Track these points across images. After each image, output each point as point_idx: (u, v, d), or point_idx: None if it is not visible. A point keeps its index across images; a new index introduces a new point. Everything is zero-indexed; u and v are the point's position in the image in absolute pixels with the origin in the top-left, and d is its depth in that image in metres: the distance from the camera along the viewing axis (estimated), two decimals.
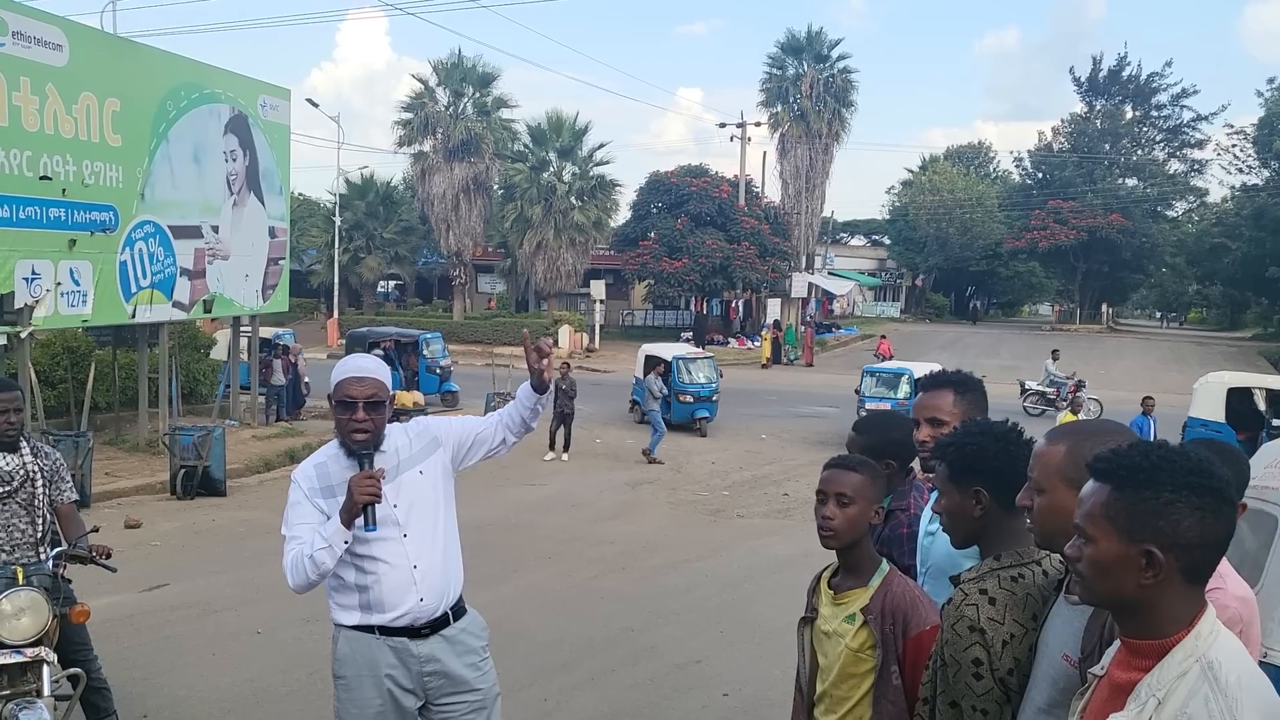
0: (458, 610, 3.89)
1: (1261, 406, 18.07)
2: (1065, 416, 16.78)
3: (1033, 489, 2.35)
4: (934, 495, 2.89)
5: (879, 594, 3.05)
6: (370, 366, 3.82)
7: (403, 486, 3.78)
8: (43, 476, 5.01)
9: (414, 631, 3.76)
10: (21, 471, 4.95)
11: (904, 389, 19.98)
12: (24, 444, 5.03)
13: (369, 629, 3.76)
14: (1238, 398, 18.15)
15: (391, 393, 3.86)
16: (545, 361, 3.93)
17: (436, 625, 3.80)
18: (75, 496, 5.28)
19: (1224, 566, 2.58)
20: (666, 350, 23.24)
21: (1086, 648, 2.21)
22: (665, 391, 20.46)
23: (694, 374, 21.66)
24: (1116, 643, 1.97)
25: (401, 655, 3.76)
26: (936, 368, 18.91)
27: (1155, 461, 1.83)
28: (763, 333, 41.33)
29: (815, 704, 3.23)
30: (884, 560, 3.15)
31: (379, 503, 3.61)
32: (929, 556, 3.25)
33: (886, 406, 18.32)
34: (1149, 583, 1.81)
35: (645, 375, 21.03)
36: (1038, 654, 2.37)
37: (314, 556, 3.61)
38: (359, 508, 3.56)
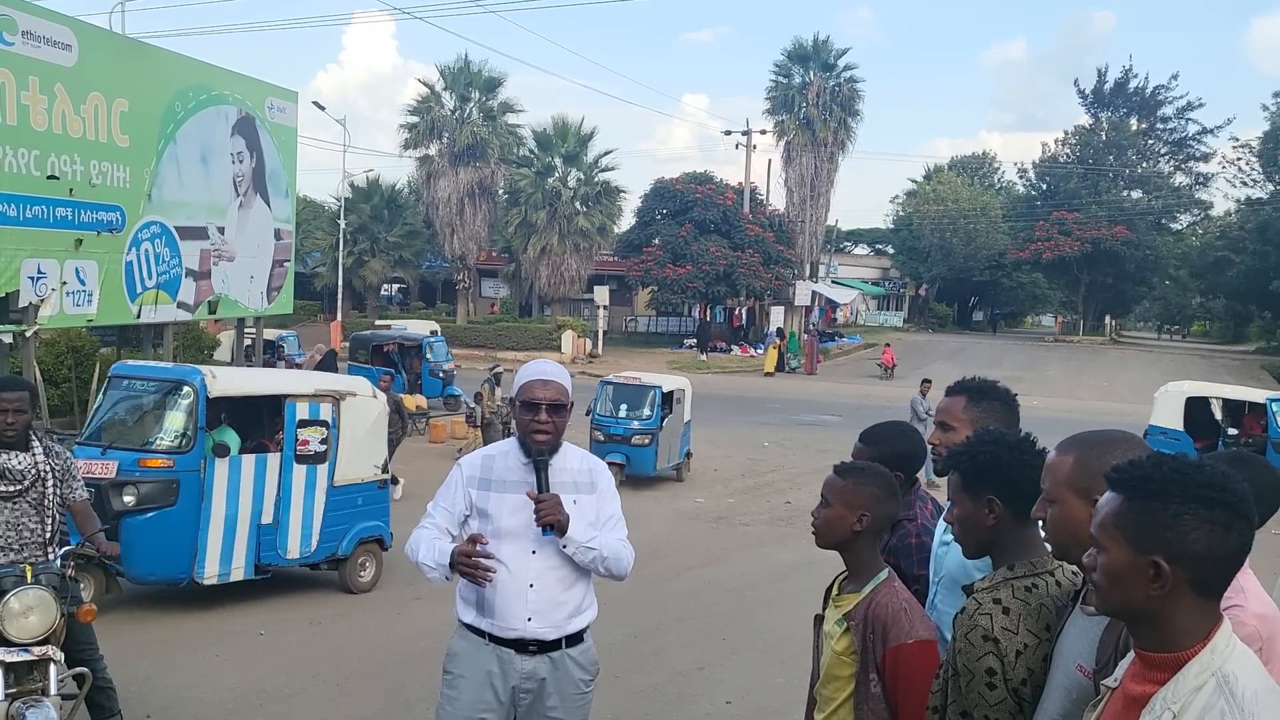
0: (574, 639, 3.87)
1: (1218, 416, 18.13)
2: None
3: (1045, 500, 2.36)
4: (949, 504, 2.89)
5: (865, 601, 3.07)
6: (554, 371, 3.86)
7: None
8: (54, 476, 5.01)
9: (521, 645, 3.77)
10: (33, 471, 4.95)
11: (647, 409, 16.48)
12: (36, 444, 5.03)
13: (480, 633, 3.80)
14: (1196, 407, 18.25)
15: (571, 400, 3.87)
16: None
17: (545, 646, 3.80)
18: (87, 495, 5.28)
19: (1249, 582, 2.57)
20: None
21: (1101, 659, 2.20)
22: (930, 412, 17.65)
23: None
24: (1131, 654, 1.97)
25: (505, 666, 3.77)
26: (679, 382, 17.38)
27: (1167, 473, 1.83)
28: (772, 342, 41.32)
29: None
30: (885, 569, 3.16)
31: (475, 581, 3.67)
32: (942, 567, 3.25)
33: (635, 425, 16.23)
34: (1157, 594, 1.81)
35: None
36: (1052, 664, 2.37)
37: (419, 562, 3.80)
38: (459, 570, 3.67)
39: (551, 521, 3.67)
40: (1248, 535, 1.82)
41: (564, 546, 3.75)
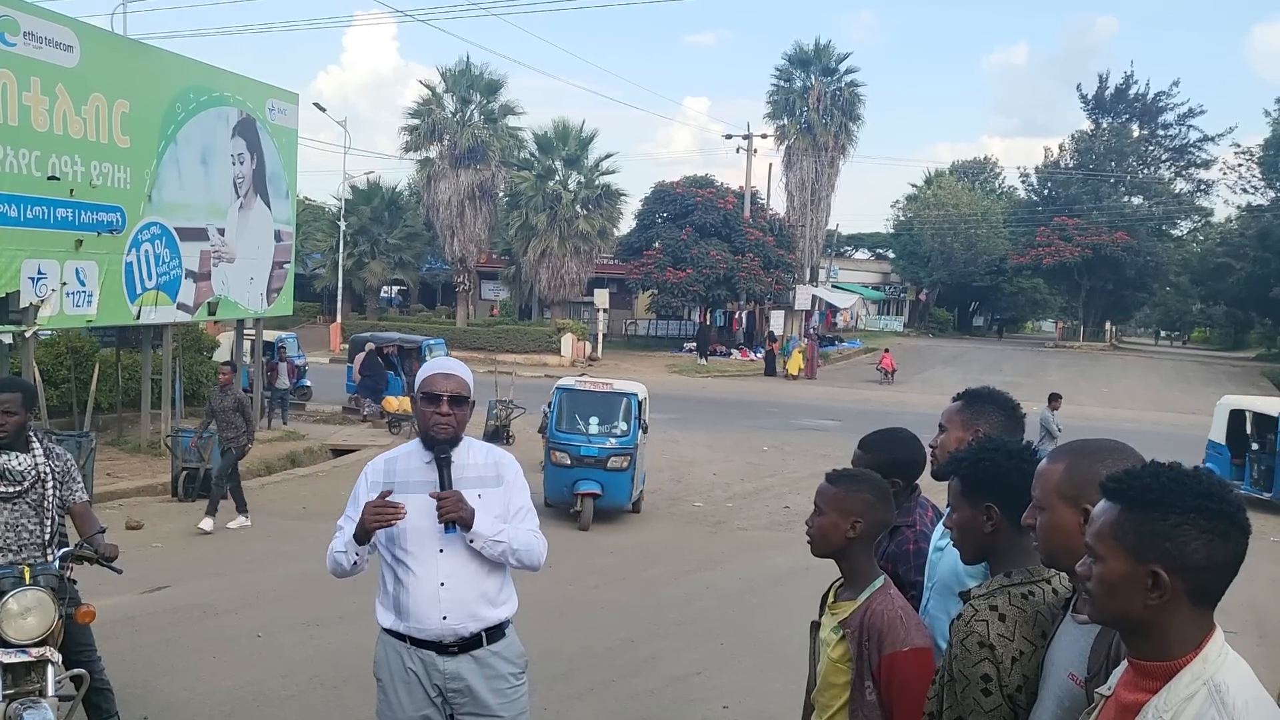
0: (494, 634, 3.88)
1: (1249, 429, 17.84)
2: None
3: (1035, 508, 2.37)
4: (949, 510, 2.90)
5: (860, 609, 3.08)
6: (457, 366, 3.91)
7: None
8: (54, 478, 5.00)
9: (441, 647, 3.79)
10: (33, 472, 4.94)
11: (623, 422, 13.84)
12: (36, 445, 5.03)
13: (401, 637, 3.83)
14: (1238, 420, 18.04)
15: (473, 397, 3.90)
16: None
17: (466, 645, 3.81)
18: (87, 496, 5.28)
19: None
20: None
21: (1093, 667, 2.21)
22: (1061, 429, 16.63)
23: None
24: (1124, 663, 1.97)
25: (428, 667, 3.80)
26: (640, 389, 14.09)
27: (1165, 483, 1.84)
28: (798, 345, 41.36)
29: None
30: (880, 577, 3.17)
31: (388, 526, 3.70)
32: (935, 572, 3.26)
33: (611, 443, 13.48)
34: (1155, 603, 1.82)
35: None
36: (1044, 672, 2.38)
37: (333, 555, 3.83)
38: (367, 532, 3.71)
39: (454, 518, 3.68)
40: (1244, 544, 1.83)
41: (471, 541, 3.75)
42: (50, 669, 4.63)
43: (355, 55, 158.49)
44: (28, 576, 4.64)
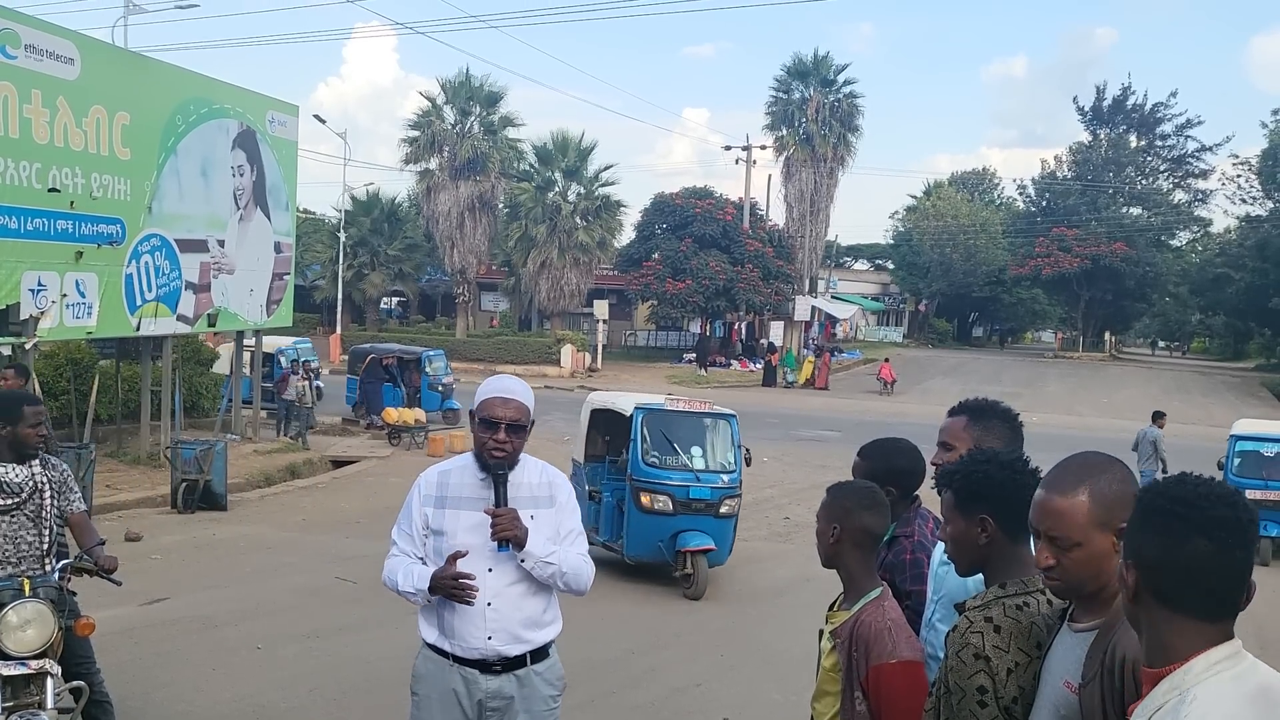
0: (538, 654, 3.84)
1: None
2: None
3: (1061, 548, 2.27)
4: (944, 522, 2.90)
5: (851, 619, 3.09)
6: (517, 389, 3.82)
7: None
8: (51, 489, 5.01)
9: (485, 666, 3.75)
10: (30, 483, 4.95)
11: (729, 453, 11.04)
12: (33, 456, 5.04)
13: (444, 653, 3.79)
14: None
15: (532, 419, 3.82)
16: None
17: (510, 664, 3.77)
18: (84, 506, 5.28)
19: None
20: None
21: (1088, 673, 2.22)
22: (1165, 456, 15.27)
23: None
24: None
25: (470, 685, 3.76)
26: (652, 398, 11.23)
27: (1155, 486, 1.91)
28: (807, 357, 41.27)
29: None
30: (878, 587, 3.17)
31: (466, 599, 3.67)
32: (942, 586, 3.24)
33: (723, 481, 10.77)
34: (1126, 597, 1.88)
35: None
36: (1041, 681, 2.38)
37: (401, 591, 3.81)
38: (443, 593, 3.70)
39: (508, 536, 3.64)
40: (1207, 550, 1.79)
41: (522, 561, 3.71)
42: (49, 681, 4.62)
43: (355, 67, 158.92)
44: (27, 589, 4.63)
